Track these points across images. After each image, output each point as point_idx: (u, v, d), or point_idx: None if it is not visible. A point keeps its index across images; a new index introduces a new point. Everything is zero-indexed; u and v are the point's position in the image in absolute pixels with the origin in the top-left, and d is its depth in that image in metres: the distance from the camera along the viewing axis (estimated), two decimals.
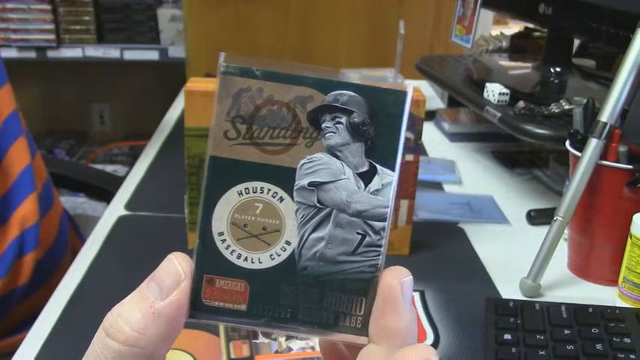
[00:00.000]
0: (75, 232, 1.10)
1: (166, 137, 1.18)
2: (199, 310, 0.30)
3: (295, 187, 0.30)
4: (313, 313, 0.30)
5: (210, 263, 0.30)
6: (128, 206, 0.92)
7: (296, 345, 0.63)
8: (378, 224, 0.30)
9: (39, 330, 0.65)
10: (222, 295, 0.30)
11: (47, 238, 0.89)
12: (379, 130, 0.30)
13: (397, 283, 0.29)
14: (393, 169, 0.30)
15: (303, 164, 0.30)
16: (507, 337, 0.61)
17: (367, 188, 0.30)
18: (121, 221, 0.88)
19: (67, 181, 1.30)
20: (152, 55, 2.42)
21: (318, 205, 0.30)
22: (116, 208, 0.91)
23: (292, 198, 0.30)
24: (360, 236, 0.30)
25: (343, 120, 0.30)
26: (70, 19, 2.40)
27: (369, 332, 0.30)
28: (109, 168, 2.54)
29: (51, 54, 2.41)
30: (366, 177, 0.30)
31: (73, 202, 2.06)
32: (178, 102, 1.38)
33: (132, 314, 0.28)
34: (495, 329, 0.63)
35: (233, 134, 0.30)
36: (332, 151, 0.30)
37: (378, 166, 0.30)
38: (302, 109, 0.30)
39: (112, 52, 2.42)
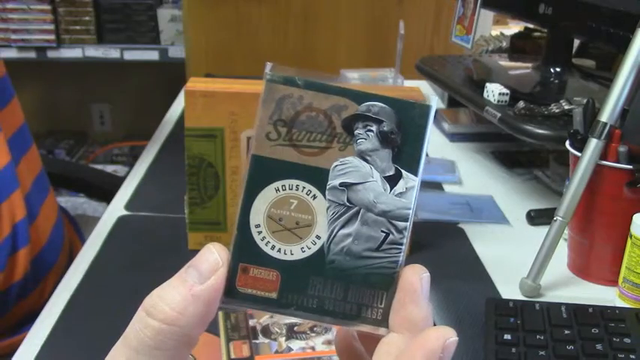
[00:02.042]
0: (75, 232, 1.10)
1: (166, 137, 1.18)
2: (233, 297, 0.33)
3: (328, 187, 0.33)
4: (338, 304, 0.33)
5: (246, 253, 0.33)
6: (128, 206, 0.92)
7: (296, 345, 0.63)
8: (400, 224, 0.33)
9: (39, 330, 0.65)
10: (255, 283, 0.33)
11: (41, 235, 0.89)
12: (405, 138, 0.33)
13: (417, 278, 0.32)
14: (416, 174, 0.33)
15: (335, 166, 0.33)
16: (507, 337, 0.61)
17: (392, 191, 0.33)
18: (121, 221, 0.88)
19: (67, 182, 1.30)
20: (152, 55, 2.42)
21: (348, 204, 0.33)
22: (116, 209, 0.91)
23: (324, 196, 0.33)
24: (384, 234, 0.33)
25: (374, 128, 0.33)
26: (70, 20, 2.40)
27: (390, 323, 0.32)
28: (109, 168, 2.54)
29: (51, 54, 2.41)
30: (392, 180, 0.33)
31: (73, 203, 2.06)
32: (178, 102, 1.38)
33: (172, 296, 0.30)
34: (495, 329, 0.63)
35: (274, 136, 0.33)
36: (362, 155, 0.33)
37: (403, 171, 0.33)
38: (337, 117, 0.33)
39: (112, 53, 2.42)
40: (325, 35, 1.94)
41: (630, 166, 0.70)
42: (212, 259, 0.31)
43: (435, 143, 1.19)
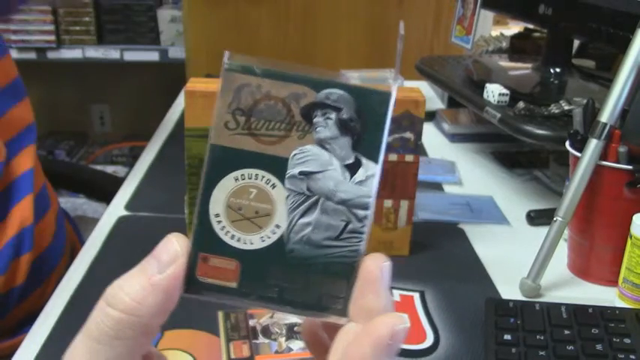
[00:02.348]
0: (75, 232, 1.10)
1: (166, 138, 1.18)
2: (193, 286, 0.33)
3: (287, 175, 0.33)
4: (298, 294, 0.33)
5: (205, 242, 0.33)
6: (128, 207, 0.92)
7: (296, 345, 0.63)
8: (361, 212, 0.33)
9: (39, 330, 0.65)
10: (215, 273, 0.33)
11: (43, 239, 0.89)
12: (365, 126, 0.33)
13: (376, 267, 0.32)
14: (376, 162, 0.33)
15: (294, 154, 0.33)
16: (507, 337, 0.61)
17: (352, 179, 0.33)
18: (121, 222, 0.88)
19: (67, 182, 1.30)
20: (152, 55, 2.43)
21: (307, 192, 0.33)
22: (116, 209, 0.91)
23: (284, 185, 0.33)
24: (344, 223, 0.33)
25: (333, 116, 0.33)
26: (70, 20, 2.40)
27: (349, 312, 0.32)
28: (109, 169, 2.54)
29: (51, 55, 2.41)
30: (352, 169, 0.33)
31: (73, 203, 2.06)
32: (178, 102, 1.38)
33: (131, 286, 0.31)
34: (495, 329, 0.63)
35: (233, 125, 0.33)
36: (321, 143, 0.33)
37: (363, 159, 0.33)
38: (296, 105, 0.33)
39: (112, 53, 2.42)
40: (325, 36, 1.94)
41: (630, 167, 0.70)
42: (172, 249, 0.32)
43: (435, 143, 1.19)
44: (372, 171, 0.33)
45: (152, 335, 0.32)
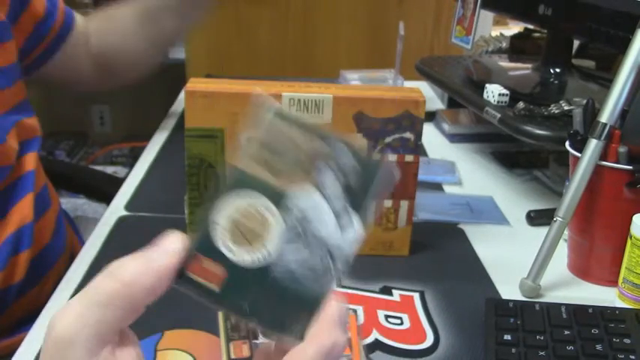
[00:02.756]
0: (75, 233, 1.10)
1: (166, 138, 1.18)
2: (181, 278, 0.37)
3: (288, 211, 0.37)
4: (268, 315, 0.37)
5: (203, 244, 0.37)
6: (128, 207, 0.92)
7: None
8: (341, 259, 0.38)
9: (39, 330, 0.65)
10: (203, 273, 0.37)
11: (43, 237, 0.90)
12: (359, 187, 0.39)
13: (337, 306, 0.37)
14: (364, 220, 0.39)
15: (298, 195, 0.38)
16: (507, 337, 0.61)
17: (341, 228, 0.38)
18: (121, 222, 0.88)
19: (67, 183, 1.30)
20: None
21: (301, 232, 0.37)
22: (116, 209, 0.91)
23: (284, 220, 0.37)
24: (324, 265, 0.38)
25: (340, 176, 0.38)
26: None
27: (305, 336, 0.37)
28: (110, 169, 2.54)
29: None
30: (342, 219, 0.38)
31: (73, 204, 2.06)
32: (178, 103, 1.38)
33: (133, 265, 0.35)
34: (495, 330, 0.63)
35: (256, 155, 0.38)
36: (323, 192, 0.38)
37: (353, 215, 0.38)
38: (312, 155, 0.38)
39: None
40: (325, 36, 1.94)
41: (630, 167, 0.70)
42: (173, 241, 0.37)
43: (435, 144, 1.19)
44: (357, 226, 0.38)
45: (137, 314, 0.35)
